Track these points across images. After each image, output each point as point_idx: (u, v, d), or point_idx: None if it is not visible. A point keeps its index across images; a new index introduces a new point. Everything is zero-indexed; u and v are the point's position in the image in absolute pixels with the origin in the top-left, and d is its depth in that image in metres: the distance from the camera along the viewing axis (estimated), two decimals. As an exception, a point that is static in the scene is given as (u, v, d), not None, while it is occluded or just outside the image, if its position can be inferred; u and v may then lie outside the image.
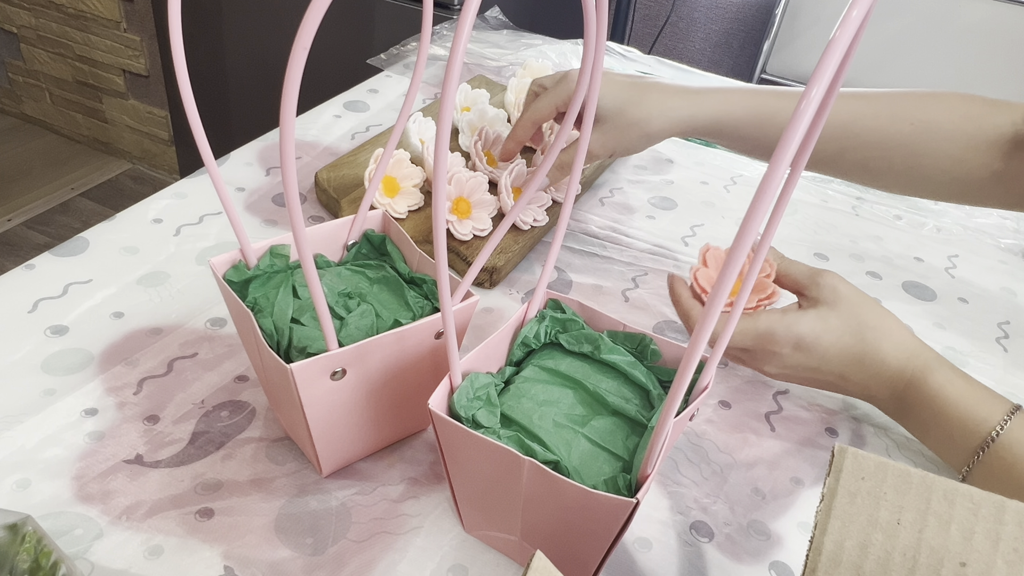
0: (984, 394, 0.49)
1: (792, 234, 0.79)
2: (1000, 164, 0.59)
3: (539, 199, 0.71)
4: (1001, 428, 0.47)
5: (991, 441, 0.47)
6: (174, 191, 0.71)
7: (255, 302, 0.46)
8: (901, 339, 0.51)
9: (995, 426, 0.47)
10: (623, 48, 1.14)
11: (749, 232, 0.26)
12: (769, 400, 0.59)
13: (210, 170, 0.42)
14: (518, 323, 0.46)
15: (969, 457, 0.48)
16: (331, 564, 0.43)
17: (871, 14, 0.25)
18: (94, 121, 2.33)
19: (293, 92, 0.29)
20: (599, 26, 0.35)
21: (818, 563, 0.26)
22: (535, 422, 0.40)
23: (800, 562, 0.46)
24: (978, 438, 0.48)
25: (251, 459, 0.48)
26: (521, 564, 0.44)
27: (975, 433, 0.48)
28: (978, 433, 0.48)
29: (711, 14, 1.88)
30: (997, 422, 0.47)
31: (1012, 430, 0.47)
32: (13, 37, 2.26)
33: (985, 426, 0.47)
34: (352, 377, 0.42)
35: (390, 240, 0.52)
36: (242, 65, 1.70)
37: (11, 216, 2.09)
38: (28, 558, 0.34)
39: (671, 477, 0.51)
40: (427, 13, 0.44)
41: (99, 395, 0.51)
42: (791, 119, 0.24)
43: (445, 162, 0.30)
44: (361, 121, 0.87)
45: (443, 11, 1.35)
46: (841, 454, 0.27)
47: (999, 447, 0.47)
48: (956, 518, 0.25)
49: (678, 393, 0.31)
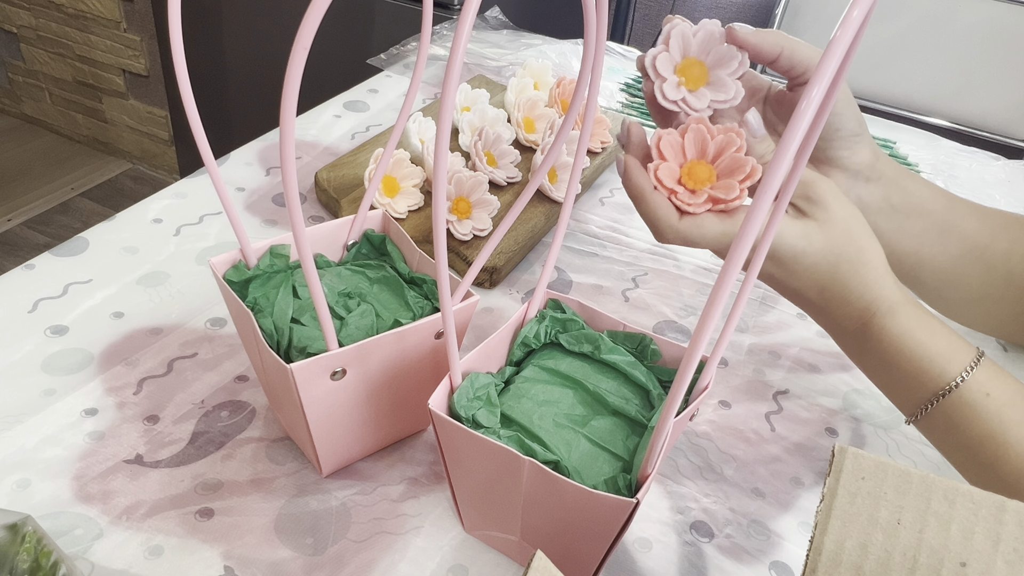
0: (943, 345, 0.47)
1: (792, 234, 0.79)
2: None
3: (508, 155, 0.74)
4: (957, 384, 0.46)
5: (945, 394, 0.46)
6: (174, 191, 0.71)
7: (255, 302, 0.46)
8: (872, 278, 0.48)
9: (952, 380, 0.46)
10: (623, 48, 1.14)
11: (750, 233, 0.26)
12: (769, 400, 0.59)
13: (210, 170, 0.42)
14: (518, 323, 0.46)
15: (920, 406, 0.47)
16: (331, 564, 0.43)
17: (871, 14, 0.25)
18: (94, 121, 2.33)
19: (293, 92, 0.29)
20: (599, 26, 0.35)
21: (818, 563, 0.26)
22: (535, 422, 0.40)
23: (800, 562, 0.46)
24: (931, 391, 0.46)
25: (251, 459, 0.48)
26: (521, 564, 0.44)
27: (928, 386, 0.46)
28: (931, 386, 0.46)
29: (711, 14, 1.88)
30: (954, 377, 0.46)
31: (969, 386, 0.46)
32: (13, 37, 2.26)
33: (940, 380, 0.46)
34: (352, 377, 0.42)
35: (390, 240, 0.52)
36: (242, 65, 1.70)
37: (11, 216, 2.09)
38: (28, 558, 0.34)
39: (671, 477, 0.51)
40: (427, 13, 0.44)
41: (99, 395, 0.51)
42: (791, 119, 0.24)
43: (445, 162, 0.30)
44: (361, 121, 0.87)
45: (443, 11, 1.35)
46: (841, 454, 0.27)
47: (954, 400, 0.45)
48: (956, 518, 0.25)
49: (678, 393, 0.31)
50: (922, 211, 0.55)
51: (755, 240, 0.26)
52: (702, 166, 0.43)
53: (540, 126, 0.81)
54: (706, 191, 0.42)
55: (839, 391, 0.60)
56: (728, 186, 0.42)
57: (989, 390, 0.45)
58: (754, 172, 0.42)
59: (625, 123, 0.45)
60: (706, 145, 0.43)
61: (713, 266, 0.73)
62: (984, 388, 0.45)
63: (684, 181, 0.43)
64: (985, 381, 0.45)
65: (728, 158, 0.43)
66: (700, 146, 0.43)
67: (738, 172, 0.42)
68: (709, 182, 0.43)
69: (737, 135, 0.43)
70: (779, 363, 0.62)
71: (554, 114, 0.82)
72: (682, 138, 0.43)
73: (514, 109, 0.81)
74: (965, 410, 0.45)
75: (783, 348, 0.64)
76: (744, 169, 0.42)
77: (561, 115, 0.83)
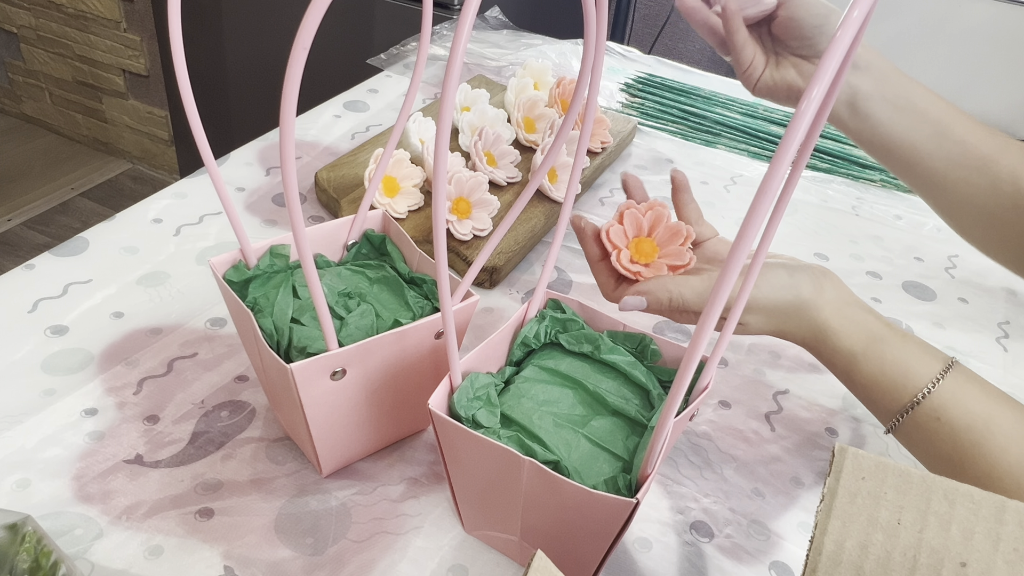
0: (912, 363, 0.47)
1: (792, 234, 0.79)
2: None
3: (508, 155, 0.74)
4: (929, 390, 0.46)
5: (918, 401, 0.46)
6: (174, 191, 0.71)
7: (255, 302, 0.46)
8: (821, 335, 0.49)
9: (923, 388, 0.46)
10: (623, 48, 1.14)
11: (749, 234, 0.26)
12: (769, 400, 0.59)
13: (210, 170, 0.42)
14: (518, 323, 0.46)
15: (895, 416, 0.47)
16: (331, 564, 0.43)
17: (872, 14, 0.25)
18: (94, 121, 2.33)
19: (293, 92, 0.29)
20: (599, 26, 0.35)
21: (818, 563, 0.26)
22: (535, 422, 0.40)
23: (800, 562, 0.46)
24: (903, 402, 0.47)
25: (251, 459, 0.48)
26: (521, 564, 0.44)
27: (901, 399, 0.47)
28: (904, 398, 0.47)
29: (711, 14, 1.87)
30: (925, 384, 0.46)
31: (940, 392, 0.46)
32: (13, 37, 2.25)
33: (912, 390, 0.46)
34: (352, 377, 0.42)
35: (390, 240, 0.52)
36: (242, 65, 1.70)
37: (11, 216, 2.09)
38: (28, 558, 0.34)
39: (671, 477, 0.51)
40: (427, 13, 0.44)
41: (99, 395, 0.51)
42: (791, 120, 0.24)
43: (445, 162, 0.30)
44: (361, 121, 0.87)
45: (443, 11, 1.35)
46: (841, 454, 0.27)
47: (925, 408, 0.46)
48: (956, 518, 0.25)
49: (678, 393, 0.31)
50: (915, 108, 0.56)
51: (752, 246, 0.26)
52: (645, 241, 0.51)
53: (540, 126, 0.81)
54: (662, 263, 0.50)
55: (839, 391, 0.60)
56: (678, 253, 0.50)
57: (940, 415, 0.46)
58: (689, 235, 0.50)
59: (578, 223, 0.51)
60: (641, 223, 0.51)
61: (713, 266, 0.73)
62: (936, 413, 0.46)
63: (635, 258, 0.50)
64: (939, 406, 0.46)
65: (663, 228, 0.51)
66: (636, 225, 0.51)
67: (676, 238, 0.50)
68: (656, 252, 0.50)
69: (662, 207, 0.51)
70: (779, 363, 0.62)
71: (554, 114, 0.82)
72: (621, 224, 0.51)
73: (514, 109, 0.81)
74: (931, 424, 0.46)
75: (783, 348, 0.64)
76: (681, 234, 0.50)
77: (561, 115, 0.83)
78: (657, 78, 1.06)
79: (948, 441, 0.45)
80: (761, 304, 0.48)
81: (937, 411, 0.46)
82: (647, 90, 1.03)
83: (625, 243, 0.50)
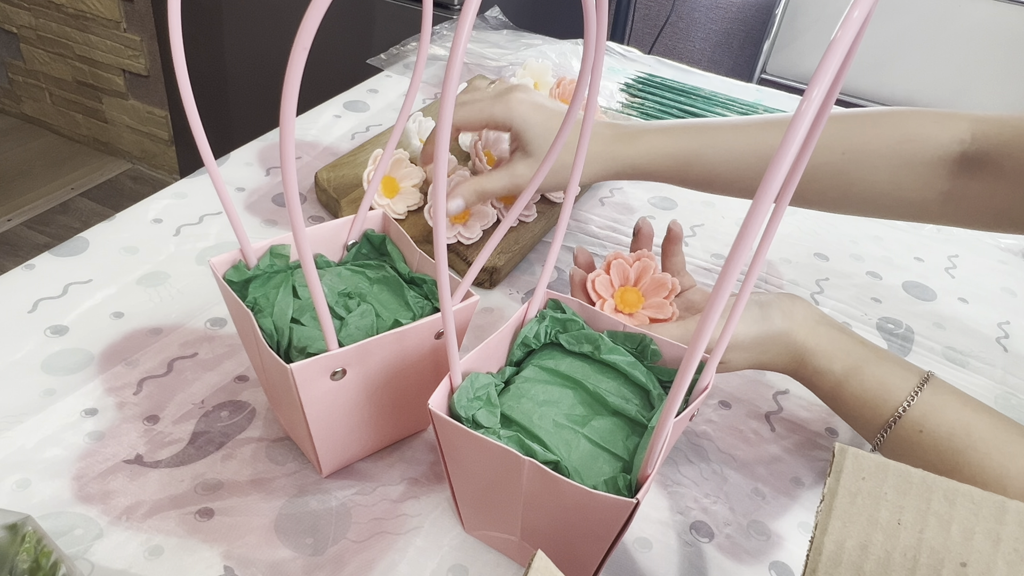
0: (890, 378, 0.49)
1: (792, 234, 0.79)
2: (946, 184, 0.57)
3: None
4: (909, 403, 0.47)
5: (900, 415, 0.47)
6: (174, 191, 0.71)
7: (255, 302, 0.46)
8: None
9: (903, 402, 0.48)
10: (623, 48, 1.14)
11: (748, 236, 0.26)
12: (769, 400, 0.59)
13: (210, 170, 0.42)
14: (518, 323, 0.46)
15: (879, 431, 0.49)
16: (331, 564, 0.43)
17: (872, 15, 0.25)
18: (94, 121, 2.33)
19: (293, 92, 0.29)
20: (599, 26, 0.35)
21: (818, 563, 0.26)
22: (535, 422, 0.40)
23: (800, 562, 0.46)
24: (886, 416, 0.48)
25: (251, 459, 0.48)
26: (521, 564, 0.44)
27: (883, 414, 0.48)
28: (886, 412, 0.48)
29: (711, 14, 1.88)
30: (905, 398, 0.48)
31: (920, 404, 0.47)
32: (13, 37, 2.25)
33: (893, 404, 0.48)
34: (352, 377, 0.42)
35: (390, 240, 0.52)
36: (242, 65, 1.70)
37: (11, 216, 2.09)
38: (28, 558, 0.34)
39: (671, 477, 0.51)
40: (427, 13, 0.44)
41: (99, 395, 0.51)
42: (791, 120, 0.24)
43: (445, 162, 0.30)
44: (361, 121, 0.87)
45: (443, 11, 1.35)
46: (841, 454, 0.27)
47: (908, 421, 0.47)
48: (956, 518, 0.25)
49: (678, 393, 0.31)
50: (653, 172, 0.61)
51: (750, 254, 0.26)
52: (630, 291, 0.53)
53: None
54: (645, 315, 0.52)
55: (839, 391, 0.60)
56: (659, 305, 0.52)
57: (922, 426, 0.47)
58: (674, 288, 0.52)
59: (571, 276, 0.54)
60: (627, 273, 0.53)
61: (713, 266, 0.73)
62: (918, 425, 0.47)
63: (620, 308, 0.52)
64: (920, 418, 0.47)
65: (648, 280, 0.53)
66: (623, 275, 0.53)
67: (661, 290, 0.52)
68: (640, 303, 0.53)
69: (650, 258, 0.53)
70: (779, 363, 0.62)
71: (554, 114, 0.81)
72: (608, 274, 0.53)
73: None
74: (914, 437, 0.47)
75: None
76: (666, 287, 0.52)
77: (561, 115, 0.82)
78: (657, 78, 1.06)
79: (932, 451, 0.46)
80: (739, 340, 0.49)
81: (919, 423, 0.47)
82: (647, 90, 1.03)
83: (611, 292, 0.53)
